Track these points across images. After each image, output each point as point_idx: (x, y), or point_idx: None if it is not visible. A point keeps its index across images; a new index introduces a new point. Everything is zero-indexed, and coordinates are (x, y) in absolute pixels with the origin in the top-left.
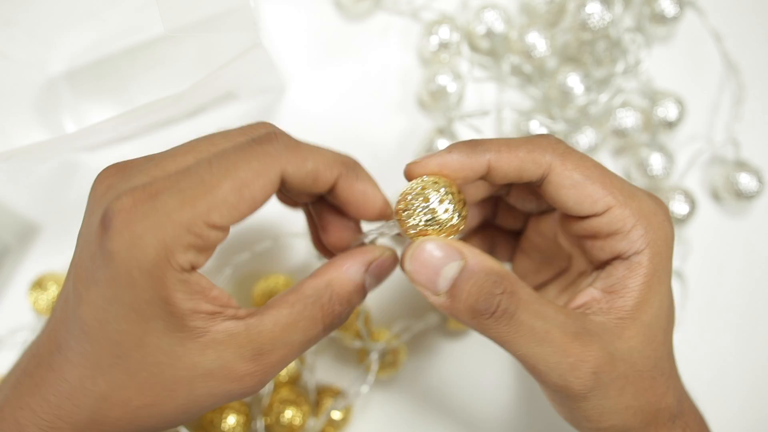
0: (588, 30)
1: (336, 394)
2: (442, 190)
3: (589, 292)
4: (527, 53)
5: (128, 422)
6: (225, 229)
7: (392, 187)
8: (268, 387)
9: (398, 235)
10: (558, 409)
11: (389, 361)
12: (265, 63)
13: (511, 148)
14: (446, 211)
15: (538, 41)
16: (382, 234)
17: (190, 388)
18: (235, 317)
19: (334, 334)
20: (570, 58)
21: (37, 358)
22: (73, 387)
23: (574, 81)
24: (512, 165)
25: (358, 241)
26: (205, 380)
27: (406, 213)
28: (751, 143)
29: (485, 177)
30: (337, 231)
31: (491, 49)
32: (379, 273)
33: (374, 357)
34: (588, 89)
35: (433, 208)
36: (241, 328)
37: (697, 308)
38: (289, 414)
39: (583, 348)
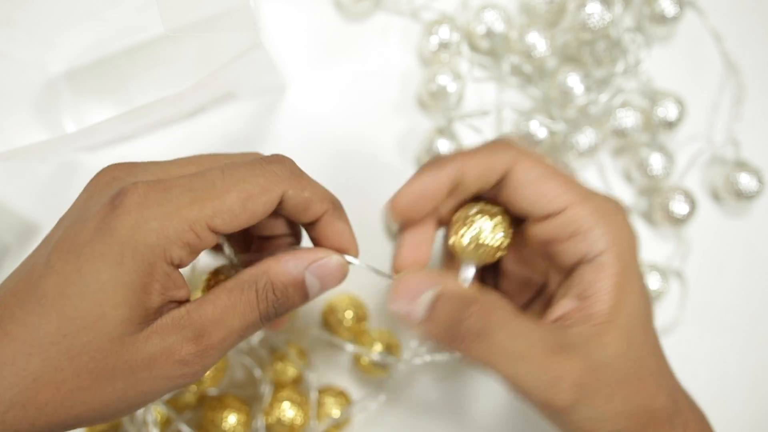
0: (588, 30)
1: (337, 394)
2: (483, 216)
3: (564, 304)
4: (527, 53)
5: (57, 406)
6: (217, 235)
7: (392, 186)
8: (270, 387)
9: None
10: (552, 424)
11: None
12: (265, 63)
13: (472, 154)
14: (491, 231)
15: (538, 41)
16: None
17: (131, 373)
18: (177, 306)
19: (351, 348)
20: (570, 58)
21: None
22: (2, 363)
23: (574, 81)
24: (477, 169)
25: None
26: (147, 365)
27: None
28: (751, 143)
29: (457, 189)
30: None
31: (491, 49)
32: (321, 274)
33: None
34: (588, 89)
35: (476, 235)
36: (182, 312)
37: (697, 308)
38: (290, 414)
39: (563, 362)
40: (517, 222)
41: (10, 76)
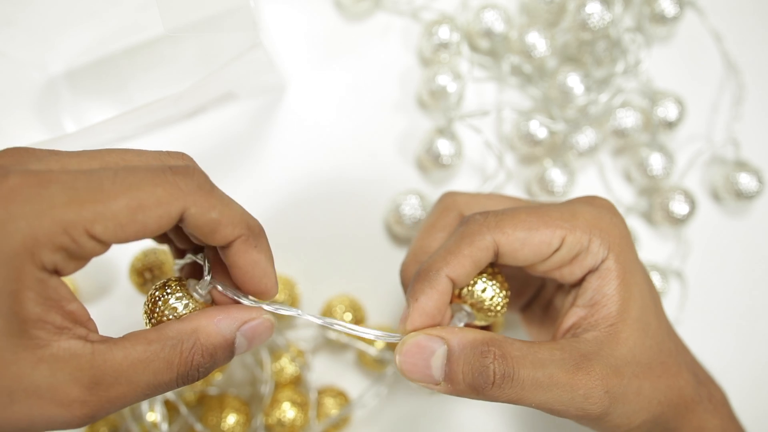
0: (588, 30)
1: (337, 394)
2: (485, 278)
3: (575, 312)
4: (527, 53)
5: None
6: (104, 244)
7: (392, 186)
8: (270, 386)
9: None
10: (586, 426)
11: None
12: (265, 63)
13: (453, 252)
14: (491, 295)
15: (538, 41)
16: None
17: (9, 401)
18: (84, 338)
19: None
20: (570, 58)
21: None
22: None
23: (574, 81)
24: (467, 267)
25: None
26: (28, 397)
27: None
28: (751, 143)
29: (456, 285)
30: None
31: (491, 49)
32: (252, 336)
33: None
34: (588, 89)
35: (480, 297)
36: (86, 351)
37: (697, 308)
38: (291, 414)
39: (588, 375)
40: None
41: (10, 76)
